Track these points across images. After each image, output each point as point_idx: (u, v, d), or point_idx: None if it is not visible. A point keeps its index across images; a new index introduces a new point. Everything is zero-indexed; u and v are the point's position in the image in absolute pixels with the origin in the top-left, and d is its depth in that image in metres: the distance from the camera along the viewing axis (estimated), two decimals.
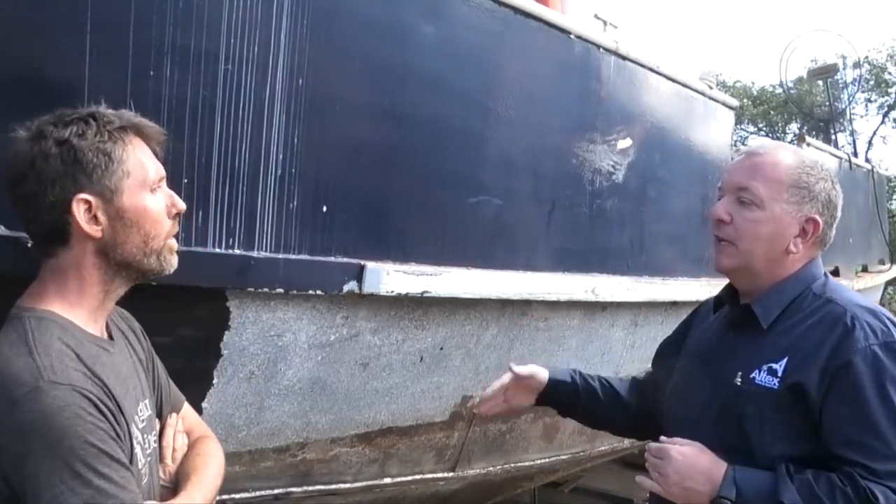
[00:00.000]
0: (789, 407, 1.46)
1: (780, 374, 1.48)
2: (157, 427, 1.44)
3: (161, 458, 1.42)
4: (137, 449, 1.27)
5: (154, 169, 1.30)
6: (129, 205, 1.26)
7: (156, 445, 1.40)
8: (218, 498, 1.42)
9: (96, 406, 1.15)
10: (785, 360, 1.49)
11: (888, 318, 1.50)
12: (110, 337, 1.35)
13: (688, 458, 1.51)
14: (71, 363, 1.18)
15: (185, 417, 1.53)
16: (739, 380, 1.53)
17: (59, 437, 1.10)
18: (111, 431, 1.16)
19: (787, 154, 1.59)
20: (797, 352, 1.48)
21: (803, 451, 1.46)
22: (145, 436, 1.33)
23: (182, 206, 1.34)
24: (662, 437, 1.59)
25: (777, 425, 1.48)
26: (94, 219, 1.23)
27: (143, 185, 1.27)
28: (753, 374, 1.51)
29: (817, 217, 1.55)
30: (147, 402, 1.37)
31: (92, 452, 1.12)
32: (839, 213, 1.60)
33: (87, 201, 1.22)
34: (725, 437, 1.53)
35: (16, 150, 1.23)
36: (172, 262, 1.34)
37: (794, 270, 1.58)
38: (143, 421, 1.32)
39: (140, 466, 1.27)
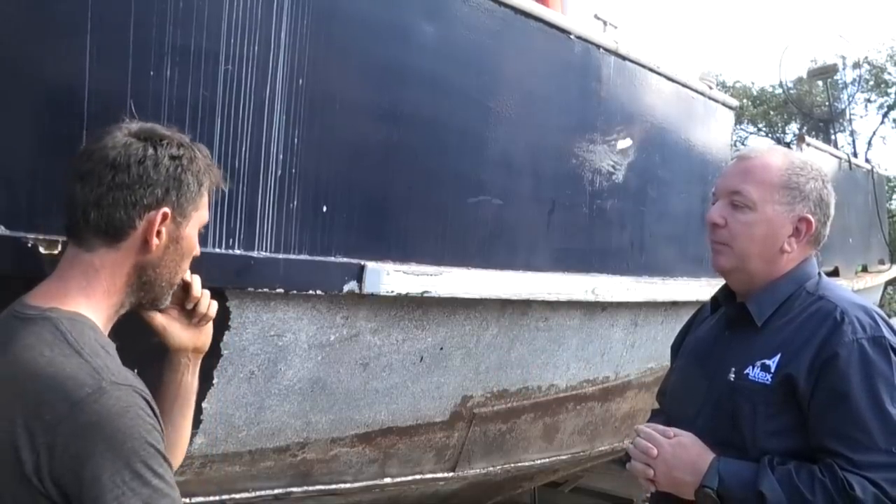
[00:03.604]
0: (781, 402, 1.49)
1: (772, 370, 1.51)
2: None
3: None
4: None
5: (207, 213, 1.39)
6: (187, 234, 1.34)
7: None
8: (218, 498, 1.43)
9: (150, 406, 1.18)
10: (778, 356, 1.51)
11: (878, 315, 1.53)
12: None
13: (676, 448, 1.54)
14: (119, 364, 1.20)
15: None
16: (733, 376, 1.56)
17: (123, 438, 1.10)
18: (161, 432, 1.19)
19: (776, 156, 1.62)
20: (789, 347, 1.51)
21: (795, 445, 1.48)
22: None
23: (198, 251, 1.41)
24: (654, 425, 1.62)
25: (769, 420, 1.50)
26: (159, 233, 1.29)
27: (200, 222, 1.37)
28: (747, 371, 1.54)
29: (810, 216, 1.58)
30: None
31: (151, 453, 1.13)
32: (832, 211, 1.63)
33: (166, 215, 1.28)
34: (720, 433, 1.55)
35: (127, 141, 1.27)
36: (168, 302, 1.41)
37: (788, 269, 1.60)
38: None
39: None
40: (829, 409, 1.44)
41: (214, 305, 1.50)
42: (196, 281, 1.45)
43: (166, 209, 1.28)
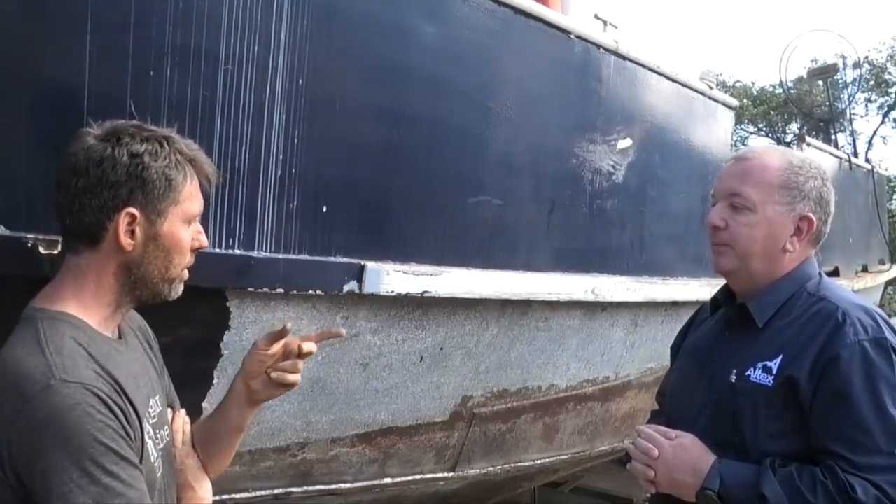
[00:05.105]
0: (783, 404, 1.48)
1: (774, 371, 1.50)
2: (169, 421, 1.47)
3: (172, 443, 1.46)
4: (150, 444, 1.29)
5: (199, 205, 1.36)
6: (167, 231, 1.30)
7: (169, 439, 1.43)
8: (218, 498, 1.43)
9: (106, 404, 1.17)
10: (779, 357, 1.50)
11: (879, 316, 1.52)
12: (121, 338, 1.37)
13: (677, 449, 1.54)
14: (83, 361, 1.19)
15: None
16: (734, 377, 1.55)
17: (69, 435, 1.11)
18: (120, 430, 1.18)
19: (774, 156, 1.61)
20: (791, 349, 1.50)
21: (796, 447, 1.48)
22: (157, 431, 1.35)
23: (205, 242, 1.39)
24: (654, 426, 1.62)
25: (771, 422, 1.49)
26: (132, 233, 1.27)
27: (185, 216, 1.33)
28: (748, 372, 1.53)
29: (811, 215, 1.57)
30: (158, 398, 1.40)
31: (101, 450, 1.13)
32: (832, 209, 1.62)
33: (132, 215, 1.26)
34: (721, 435, 1.54)
35: (88, 144, 1.26)
36: (179, 291, 1.39)
37: (789, 269, 1.60)
38: (154, 417, 1.35)
39: (153, 460, 1.29)
40: (830, 411, 1.43)
41: (297, 377, 1.52)
42: (307, 348, 1.50)
43: (132, 209, 1.26)
